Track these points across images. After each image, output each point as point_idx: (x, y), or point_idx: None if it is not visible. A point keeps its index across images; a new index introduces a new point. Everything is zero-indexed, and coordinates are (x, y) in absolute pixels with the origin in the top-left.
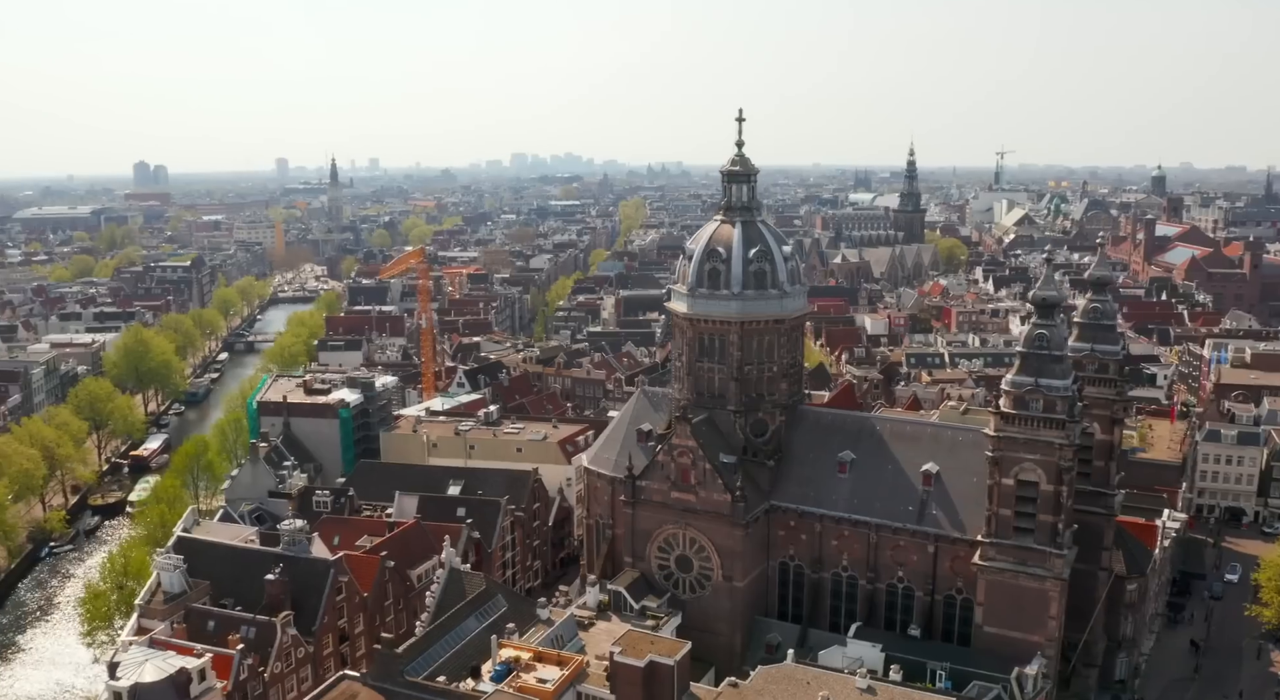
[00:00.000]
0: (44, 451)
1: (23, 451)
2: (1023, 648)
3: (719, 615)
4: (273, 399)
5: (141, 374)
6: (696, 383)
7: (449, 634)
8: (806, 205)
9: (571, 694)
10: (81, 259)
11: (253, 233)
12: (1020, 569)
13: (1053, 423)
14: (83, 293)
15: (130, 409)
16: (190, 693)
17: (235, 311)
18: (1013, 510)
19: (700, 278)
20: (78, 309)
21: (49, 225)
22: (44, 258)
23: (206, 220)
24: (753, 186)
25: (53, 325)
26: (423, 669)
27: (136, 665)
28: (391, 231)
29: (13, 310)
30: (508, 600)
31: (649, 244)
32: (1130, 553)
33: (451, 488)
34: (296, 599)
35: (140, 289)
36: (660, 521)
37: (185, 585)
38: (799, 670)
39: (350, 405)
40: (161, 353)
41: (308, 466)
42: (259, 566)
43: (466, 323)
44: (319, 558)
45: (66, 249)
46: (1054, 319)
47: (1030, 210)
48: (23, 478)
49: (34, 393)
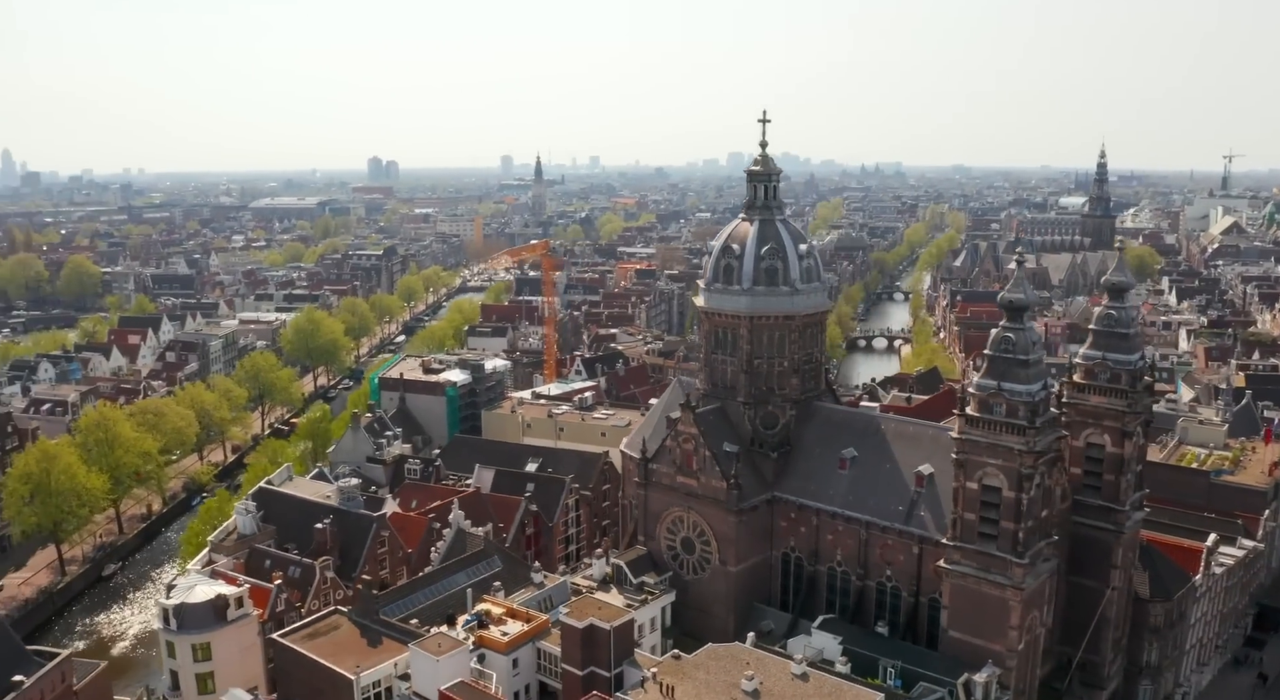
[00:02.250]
0: (200, 414)
1: (180, 412)
2: (985, 655)
3: (715, 598)
4: (391, 376)
5: (312, 351)
6: (712, 374)
7: (435, 584)
8: (1012, 208)
9: (530, 648)
10: (294, 246)
11: (453, 226)
12: (982, 575)
13: (1014, 428)
14: (286, 276)
15: (291, 381)
16: (227, 617)
17: (419, 298)
18: (977, 515)
19: (716, 273)
20: (271, 291)
21: (277, 215)
22: (262, 244)
23: (417, 213)
24: (773, 186)
25: (249, 304)
26: (401, 611)
27: (187, 589)
28: (586, 227)
29: (222, 290)
30: (503, 562)
31: (825, 245)
32: (1159, 575)
33: (530, 465)
34: (344, 547)
35: (333, 274)
36: (668, 504)
37: (255, 528)
38: (743, 650)
39: (457, 385)
40: (330, 333)
41: (415, 437)
42: (317, 517)
43: (611, 315)
44: (365, 513)
45: (286, 237)
46: (1022, 322)
47: (1246, 219)
48: (175, 435)
49: (211, 363)
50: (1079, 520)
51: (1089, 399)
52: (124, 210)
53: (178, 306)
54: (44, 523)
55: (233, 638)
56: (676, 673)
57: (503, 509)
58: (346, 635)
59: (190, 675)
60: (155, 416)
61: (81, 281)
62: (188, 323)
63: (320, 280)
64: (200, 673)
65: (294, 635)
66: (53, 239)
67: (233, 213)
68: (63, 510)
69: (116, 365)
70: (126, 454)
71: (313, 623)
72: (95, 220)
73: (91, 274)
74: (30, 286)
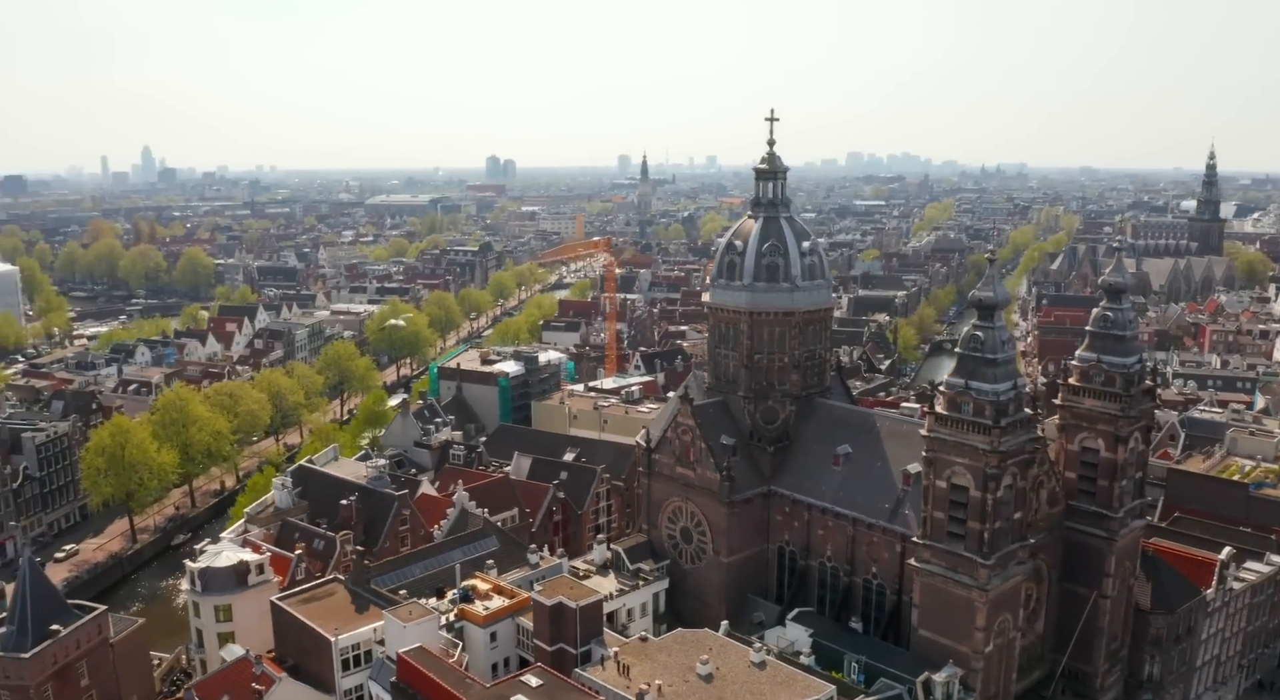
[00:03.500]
0: (275, 398)
1: (254, 395)
2: (952, 655)
3: (710, 587)
4: (449, 366)
5: (394, 342)
6: (716, 367)
7: (429, 559)
8: (1129, 211)
9: (510, 624)
10: (398, 242)
11: (555, 223)
12: (950, 574)
13: (979, 427)
14: (385, 270)
15: (369, 370)
16: (248, 582)
17: (510, 294)
18: (945, 514)
19: (721, 269)
20: (366, 283)
21: (390, 211)
22: (370, 239)
23: (524, 211)
24: (780, 184)
25: (343, 296)
26: (393, 582)
27: (214, 554)
28: (688, 226)
29: (323, 282)
30: (501, 542)
31: (923, 246)
32: (1163, 586)
33: (567, 455)
34: (368, 524)
35: (429, 269)
36: (668, 493)
37: (290, 502)
38: (710, 637)
39: (510, 376)
40: (413, 325)
41: (468, 425)
42: (347, 495)
43: (685, 312)
44: (388, 492)
45: (395, 232)
46: (993, 321)
47: None
48: (248, 417)
49: (296, 350)
50: (1072, 526)
51: (1083, 402)
52: (248, 205)
53: (276, 297)
54: (117, 493)
55: (252, 601)
56: (638, 653)
57: (532, 495)
58: (339, 601)
59: (213, 634)
60: (230, 398)
61: (196, 272)
62: (283, 312)
63: (415, 274)
64: (222, 632)
65: (292, 599)
66: (177, 232)
67: (348, 209)
68: (134, 482)
69: (212, 351)
70: (200, 433)
71: (312, 588)
72: (220, 214)
73: (205, 265)
74: (149, 276)
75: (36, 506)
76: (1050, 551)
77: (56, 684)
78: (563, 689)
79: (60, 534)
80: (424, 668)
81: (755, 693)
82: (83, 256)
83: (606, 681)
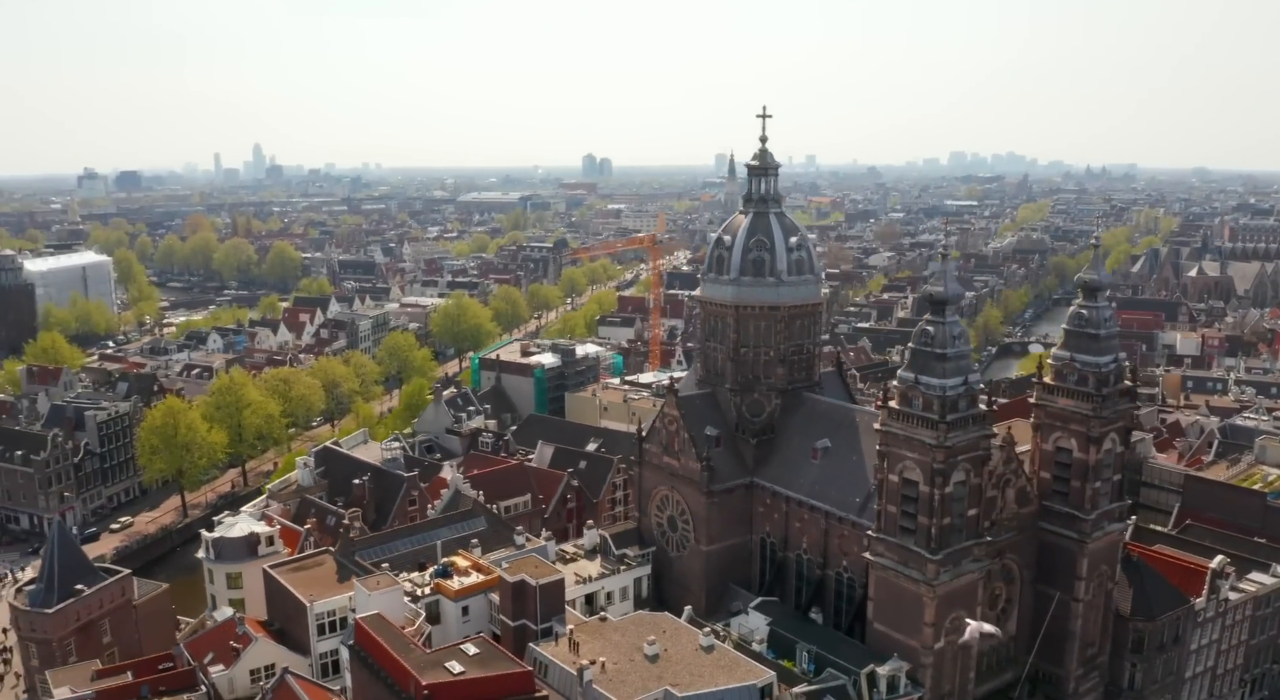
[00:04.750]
0: (330, 385)
1: (307, 382)
2: (903, 650)
3: (692, 575)
4: (490, 358)
5: (457, 334)
6: (705, 360)
7: (415, 535)
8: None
9: (483, 599)
10: (480, 237)
11: (638, 221)
12: (900, 569)
13: (927, 422)
14: (461, 265)
15: (427, 360)
16: (258, 552)
17: (580, 290)
18: (898, 508)
19: (710, 263)
20: (437, 277)
21: (479, 208)
22: (454, 235)
23: (610, 209)
24: (771, 180)
25: (415, 290)
26: (377, 556)
27: (229, 525)
28: None
29: (401, 276)
30: (489, 523)
31: (1005, 247)
32: (1145, 592)
33: (590, 444)
34: (378, 502)
35: (502, 264)
36: (657, 482)
37: (312, 480)
38: (666, 619)
39: (545, 367)
40: (475, 318)
41: (504, 414)
42: (362, 475)
43: None
44: (399, 473)
45: (480, 229)
46: (944, 316)
47: None
48: (300, 402)
49: (359, 340)
50: (1045, 526)
51: (1057, 401)
52: (345, 202)
53: (353, 289)
54: (169, 470)
55: (261, 570)
56: (593, 632)
57: (547, 482)
58: (326, 571)
59: (225, 600)
60: (284, 384)
61: (284, 265)
62: (355, 304)
63: (489, 269)
64: (233, 598)
65: (283, 568)
66: (274, 227)
67: (439, 205)
68: (185, 460)
69: (283, 340)
70: (253, 416)
71: (303, 559)
72: (317, 210)
73: (293, 258)
74: (241, 268)
75: (97, 480)
76: (1022, 552)
77: (79, 639)
78: (498, 658)
79: (119, 507)
80: (374, 632)
81: (695, 673)
82: (180, 249)
83: (556, 657)
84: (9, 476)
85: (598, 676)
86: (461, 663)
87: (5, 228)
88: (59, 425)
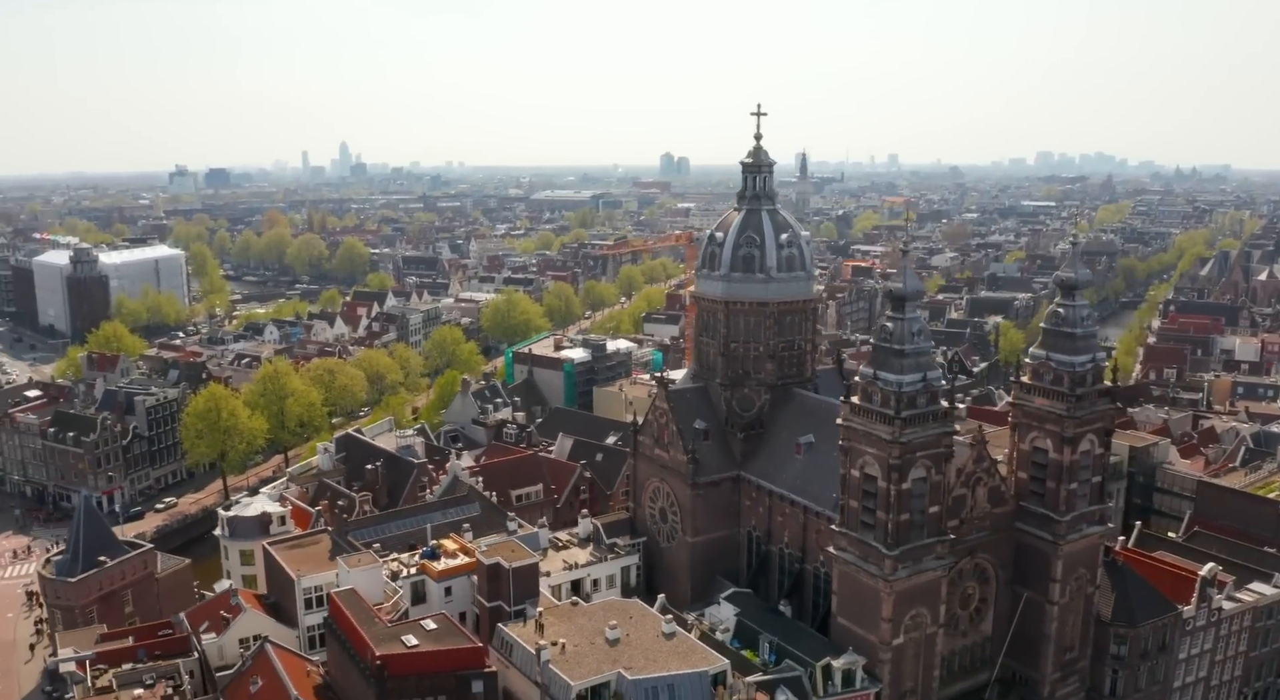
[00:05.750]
0: (373, 377)
1: (350, 372)
2: (864, 645)
3: (679, 566)
4: (523, 351)
5: (507, 329)
6: (699, 355)
7: (408, 518)
8: None
9: (465, 580)
10: (546, 235)
11: (705, 219)
12: (860, 564)
13: (884, 417)
14: (522, 262)
15: (473, 354)
16: (269, 530)
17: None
18: (859, 503)
19: (704, 259)
20: (494, 273)
21: (551, 206)
22: (521, 232)
23: (679, 208)
24: (765, 178)
25: (473, 285)
26: (370, 536)
27: (244, 505)
28: (841, 225)
29: (463, 272)
30: (483, 509)
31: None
32: (1128, 598)
33: (609, 438)
34: (390, 487)
35: (561, 262)
36: (649, 473)
37: (330, 465)
38: (634, 606)
39: (575, 362)
40: (524, 313)
41: (534, 406)
42: (375, 460)
43: None
44: (409, 460)
45: (548, 227)
46: (904, 312)
47: None
48: (343, 392)
49: (410, 334)
50: (1021, 527)
51: (1033, 400)
52: (422, 199)
53: (412, 285)
54: (211, 454)
55: None
56: (561, 615)
57: (561, 473)
58: (320, 549)
59: (238, 575)
60: (328, 374)
61: (353, 260)
62: (412, 299)
63: (548, 266)
64: (246, 574)
65: (282, 544)
66: (349, 223)
67: (512, 203)
68: (226, 445)
69: (339, 332)
70: (295, 404)
71: (301, 537)
72: (394, 208)
73: (362, 254)
74: (312, 263)
75: (145, 462)
76: (998, 552)
77: (101, 607)
78: (453, 634)
79: (165, 488)
80: (344, 606)
81: (650, 658)
82: (256, 244)
83: (520, 637)
84: (62, 457)
85: (556, 657)
86: (418, 637)
87: (94, 222)
88: (110, 409)
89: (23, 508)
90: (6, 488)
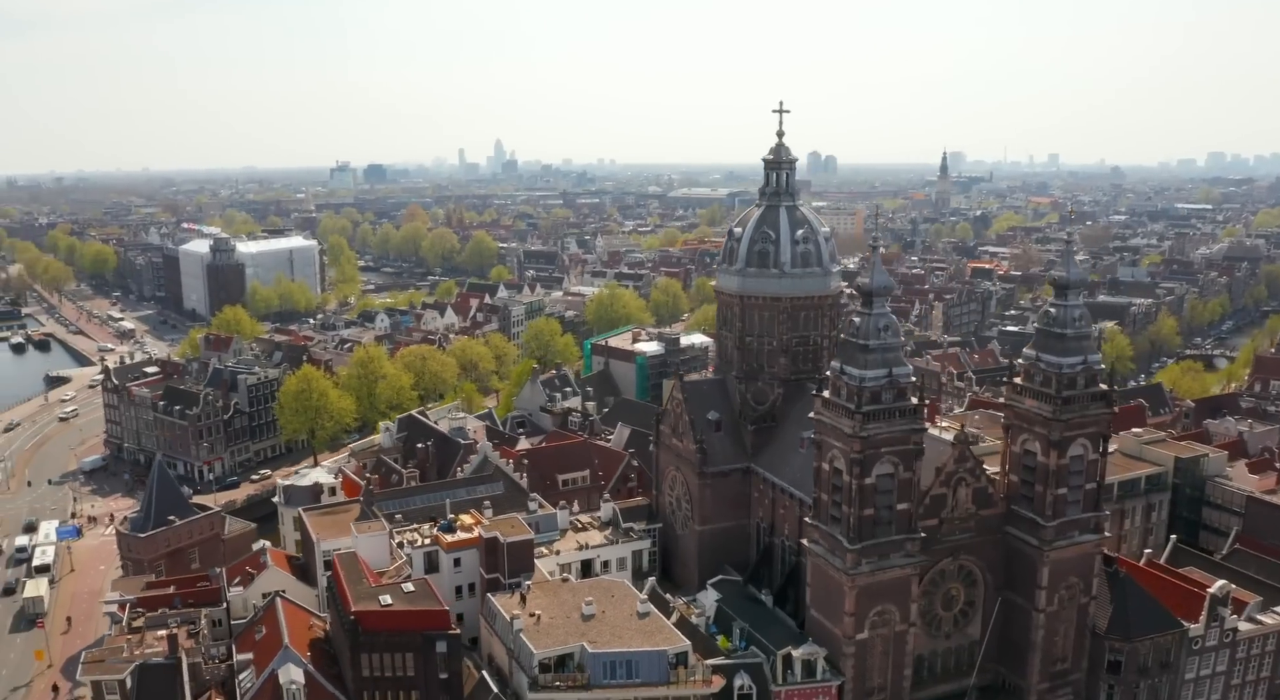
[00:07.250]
0: (466, 365)
1: (441, 360)
2: (830, 638)
3: (689, 553)
4: (600, 344)
5: (609, 322)
6: (719, 348)
7: (435, 492)
8: None
9: (473, 553)
10: (671, 232)
11: (837, 219)
12: (827, 557)
13: (848, 412)
14: (641, 258)
15: (569, 346)
16: (320, 500)
17: None
18: (829, 496)
19: (724, 254)
20: (608, 269)
21: (685, 204)
22: (649, 229)
23: (814, 206)
24: (787, 174)
25: (587, 280)
26: (394, 507)
27: (301, 476)
28: (977, 226)
29: (582, 266)
30: (507, 488)
31: (1214, 254)
32: (1126, 611)
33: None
34: (440, 465)
35: (677, 258)
36: (668, 462)
37: (390, 442)
38: (619, 586)
39: (648, 355)
40: (625, 307)
41: (608, 397)
42: (428, 440)
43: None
44: (457, 440)
45: (677, 224)
46: (872, 308)
47: None
48: (433, 378)
49: (511, 325)
50: (1010, 531)
51: (1024, 402)
52: (562, 195)
53: (529, 278)
54: (301, 430)
55: None
56: (548, 590)
57: (610, 459)
58: (349, 518)
59: (290, 539)
60: (420, 360)
61: (481, 254)
62: (523, 291)
63: (663, 262)
64: (297, 539)
65: (316, 512)
66: (488, 218)
67: (646, 200)
68: (315, 422)
69: (449, 321)
70: (386, 387)
71: (335, 506)
72: (535, 204)
73: (490, 248)
74: (445, 256)
75: (245, 437)
76: (985, 555)
77: (169, 562)
78: (425, 596)
79: (263, 462)
80: (340, 566)
81: (617, 635)
82: (394, 237)
83: (503, 607)
84: (170, 428)
85: (529, 627)
86: (394, 598)
87: (252, 214)
88: (216, 386)
89: (133, 474)
90: (123, 455)
